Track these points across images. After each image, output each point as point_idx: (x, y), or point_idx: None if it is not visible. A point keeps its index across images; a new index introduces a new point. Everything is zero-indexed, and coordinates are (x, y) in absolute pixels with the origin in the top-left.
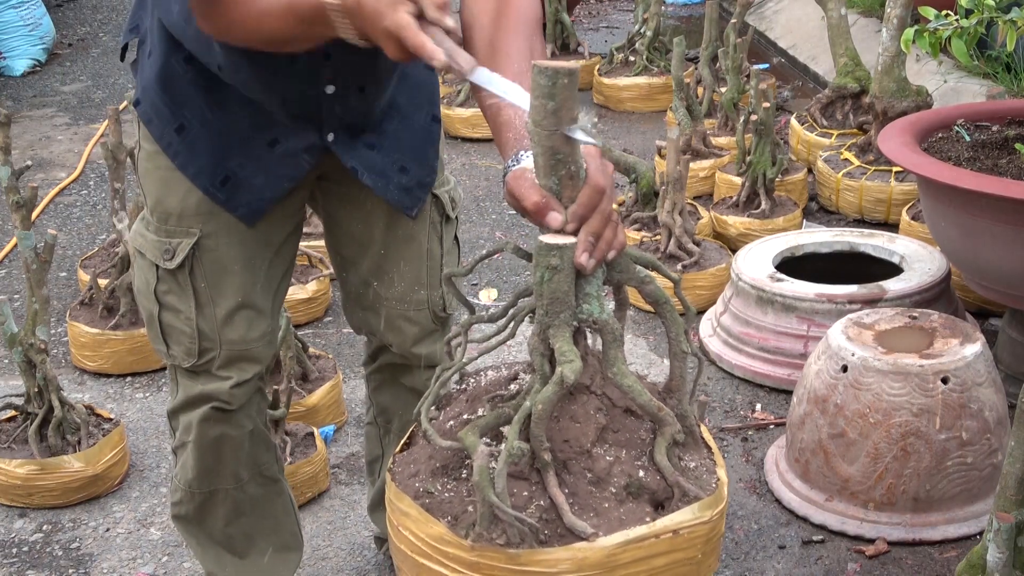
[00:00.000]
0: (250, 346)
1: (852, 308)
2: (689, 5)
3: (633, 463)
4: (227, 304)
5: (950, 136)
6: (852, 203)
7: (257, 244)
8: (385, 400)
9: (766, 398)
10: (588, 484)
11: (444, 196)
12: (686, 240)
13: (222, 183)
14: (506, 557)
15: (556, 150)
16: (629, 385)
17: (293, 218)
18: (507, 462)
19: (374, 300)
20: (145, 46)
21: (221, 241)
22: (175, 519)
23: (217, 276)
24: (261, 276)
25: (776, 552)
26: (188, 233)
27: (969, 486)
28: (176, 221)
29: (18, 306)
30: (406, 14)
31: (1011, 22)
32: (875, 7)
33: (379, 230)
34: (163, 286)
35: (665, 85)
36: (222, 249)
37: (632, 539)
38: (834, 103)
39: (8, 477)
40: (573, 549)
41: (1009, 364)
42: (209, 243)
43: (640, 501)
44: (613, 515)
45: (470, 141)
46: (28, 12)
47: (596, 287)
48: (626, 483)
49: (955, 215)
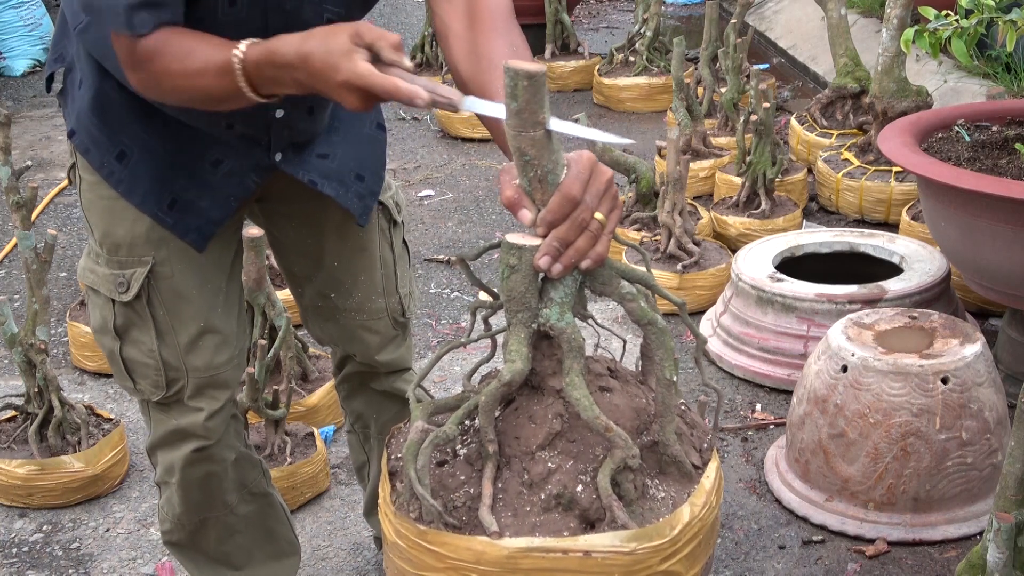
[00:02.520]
0: (218, 372)
1: (852, 308)
2: (689, 5)
3: (575, 475)
4: (189, 331)
5: (950, 136)
6: (852, 203)
7: (210, 268)
8: (358, 407)
9: (766, 398)
10: (521, 485)
11: (389, 202)
12: (686, 240)
13: (169, 207)
14: (416, 532)
15: (522, 151)
16: (577, 398)
17: (235, 237)
18: (431, 442)
19: (332, 312)
20: (74, 74)
21: (175, 268)
22: (167, 544)
23: (175, 303)
24: (220, 300)
25: (776, 552)
26: (141, 262)
27: (969, 486)
28: (127, 251)
29: (18, 306)
30: (363, 62)
31: (1011, 22)
32: (875, 7)
33: (330, 243)
34: (121, 320)
35: (665, 85)
36: (177, 276)
37: (536, 547)
38: (834, 103)
39: (8, 477)
40: (476, 541)
41: (1009, 364)
42: (163, 271)
43: (568, 514)
44: (530, 520)
45: (470, 141)
46: (28, 12)
47: (563, 294)
48: (558, 493)
49: (955, 215)
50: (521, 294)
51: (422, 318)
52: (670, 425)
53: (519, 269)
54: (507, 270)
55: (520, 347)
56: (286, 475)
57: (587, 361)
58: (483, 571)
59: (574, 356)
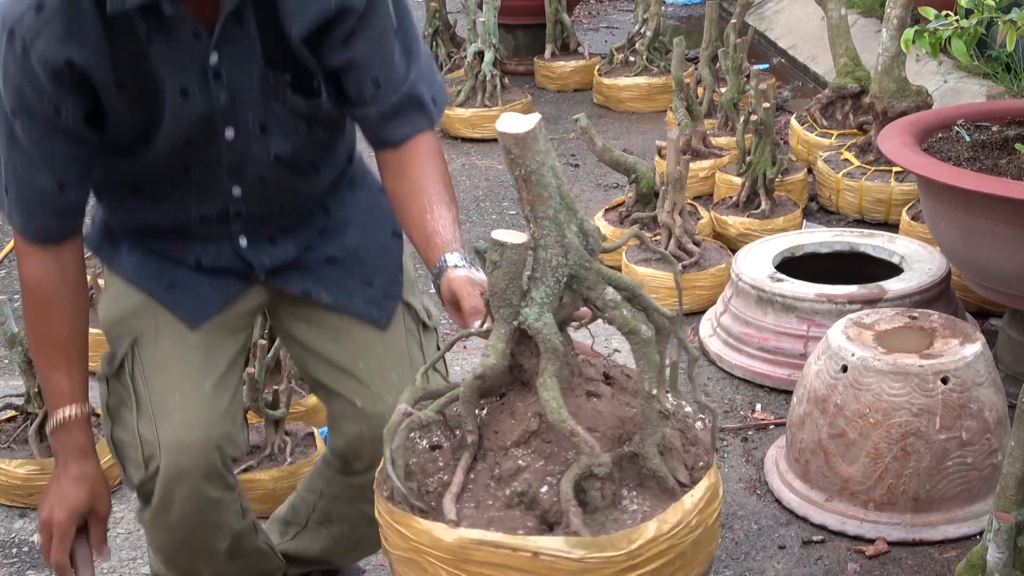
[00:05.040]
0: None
1: (852, 308)
2: (689, 5)
3: (543, 476)
4: (166, 405)
5: (950, 136)
6: (852, 203)
7: (203, 347)
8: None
9: (766, 398)
10: (490, 478)
11: (416, 304)
12: (686, 240)
13: (168, 287)
14: (387, 510)
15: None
16: (546, 399)
17: (243, 330)
18: (407, 425)
19: (361, 416)
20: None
21: (162, 341)
22: None
23: (154, 373)
24: (208, 384)
25: (776, 552)
26: (129, 333)
27: (969, 486)
28: (118, 326)
29: (18, 306)
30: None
31: (1011, 22)
32: (875, 7)
33: (353, 347)
34: (113, 398)
35: (665, 85)
36: (162, 348)
37: (488, 541)
38: (834, 103)
39: (8, 477)
40: (434, 527)
41: (1009, 364)
42: (148, 342)
43: (528, 513)
44: (489, 514)
45: (470, 141)
46: None
47: (544, 295)
48: (522, 491)
49: (955, 215)
50: (502, 290)
51: None
52: (651, 438)
53: (500, 265)
54: (491, 266)
55: (497, 343)
56: (286, 475)
57: (582, 364)
58: (437, 556)
59: (549, 357)
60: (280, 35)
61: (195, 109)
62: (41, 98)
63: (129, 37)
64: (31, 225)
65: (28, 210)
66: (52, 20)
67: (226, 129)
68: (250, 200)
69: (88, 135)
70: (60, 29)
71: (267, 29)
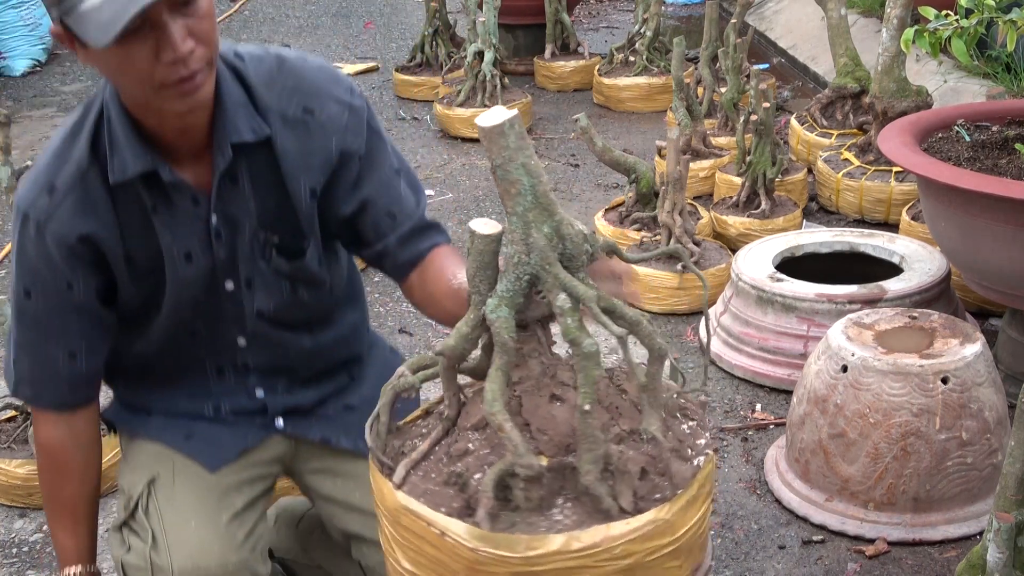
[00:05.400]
0: None
1: (852, 308)
2: (689, 5)
3: (483, 464)
4: (180, 534)
5: (950, 136)
6: (852, 203)
7: (220, 488)
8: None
9: (766, 398)
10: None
11: None
12: (686, 240)
13: (186, 437)
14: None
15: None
16: (486, 390)
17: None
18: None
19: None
20: None
21: (178, 479)
22: None
23: (171, 510)
24: (223, 518)
25: (776, 552)
26: (146, 475)
27: (969, 486)
28: (134, 473)
29: None
30: None
31: (1011, 22)
32: (875, 7)
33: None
34: (126, 531)
35: (665, 85)
36: (179, 485)
37: (412, 509)
38: (834, 103)
39: (8, 477)
40: (385, 485)
41: (1009, 364)
42: (164, 481)
43: (459, 495)
44: (428, 486)
45: (470, 141)
46: (28, 12)
47: (505, 289)
48: (460, 473)
49: (955, 215)
50: (471, 277)
51: (422, 318)
52: (588, 454)
53: (471, 253)
54: (467, 251)
55: (463, 327)
56: None
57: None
58: (382, 512)
59: (498, 351)
60: (274, 195)
61: (199, 270)
62: (55, 275)
63: (135, 207)
64: (43, 395)
65: (40, 381)
66: (64, 199)
67: (226, 281)
68: (255, 351)
69: (100, 311)
70: (72, 206)
71: (262, 188)
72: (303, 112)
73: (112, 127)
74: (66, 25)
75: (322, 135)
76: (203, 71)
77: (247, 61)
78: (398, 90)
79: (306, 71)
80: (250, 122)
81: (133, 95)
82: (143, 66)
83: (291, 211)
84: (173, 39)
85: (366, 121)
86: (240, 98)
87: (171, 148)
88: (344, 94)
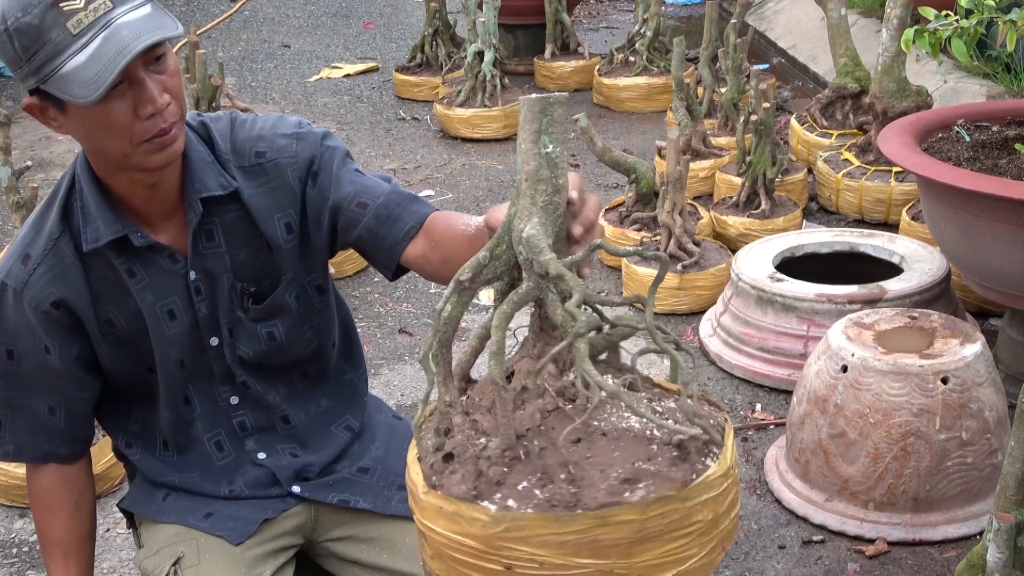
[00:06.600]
0: None
1: (852, 308)
2: (689, 5)
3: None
4: None
5: (950, 136)
6: (852, 203)
7: (247, 561)
8: None
9: (766, 398)
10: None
11: None
12: (686, 240)
13: (205, 517)
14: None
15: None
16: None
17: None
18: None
19: None
20: None
21: (204, 555)
22: None
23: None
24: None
25: (776, 552)
26: (171, 556)
27: (969, 486)
28: (157, 556)
29: None
30: None
31: (1011, 22)
32: (875, 7)
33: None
34: None
35: (665, 85)
36: (204, 560)
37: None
38: (834, 103)
39: (8, 477)
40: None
41: (1009, 364)
42: (190, 559)
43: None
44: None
45: (470, 141)
46: None
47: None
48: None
49: (955, 215)
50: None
51: (422, 318)
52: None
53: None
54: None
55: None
56: None
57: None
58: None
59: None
60: (250, 246)
61: (182, 327)
62: (34, 339)
63: (109, 273)
64: (24, 449)
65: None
66: (37, 267)
67: (211, 338)
68: (248, 409)
69: (80, 375)
70: (44, 273)
71: (236, 241)
72: (255, 157)
73: (84, 197)
74: (44, 92)
75: (278, 172)
76: (177, 124)
77: (208, 122)
78: (398, 90)
79: (256, 123)
80: (218, 178)
81: (111, 154)
82: (123, 121)
83: (268, 259)
84: (151, 93)
85: (319, 138)
86: (206, 156)
87: (143, 212)
88: (290, 128)
